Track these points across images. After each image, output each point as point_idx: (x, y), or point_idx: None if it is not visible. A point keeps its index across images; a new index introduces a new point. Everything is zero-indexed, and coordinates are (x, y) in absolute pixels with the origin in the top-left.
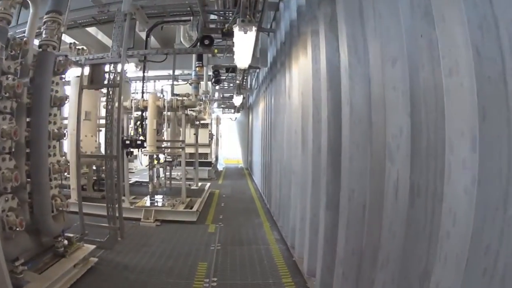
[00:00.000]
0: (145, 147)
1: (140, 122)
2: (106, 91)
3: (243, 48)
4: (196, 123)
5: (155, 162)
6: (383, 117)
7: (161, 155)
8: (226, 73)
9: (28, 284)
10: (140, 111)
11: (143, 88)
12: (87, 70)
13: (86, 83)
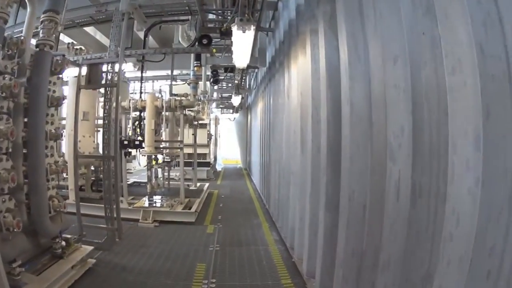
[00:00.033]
0: (143, 148)
1: (138, 122)
2: (104, 91)
3: (241, 47)
4: (195, 123)
5: (154, 162)
6: (384, 115)
7: (159, 156)
8: (225, 73)
9: (25, 286)
10: (138, 111)
11: (141, 88)
12: (85, 70)
13: (84, 83)
